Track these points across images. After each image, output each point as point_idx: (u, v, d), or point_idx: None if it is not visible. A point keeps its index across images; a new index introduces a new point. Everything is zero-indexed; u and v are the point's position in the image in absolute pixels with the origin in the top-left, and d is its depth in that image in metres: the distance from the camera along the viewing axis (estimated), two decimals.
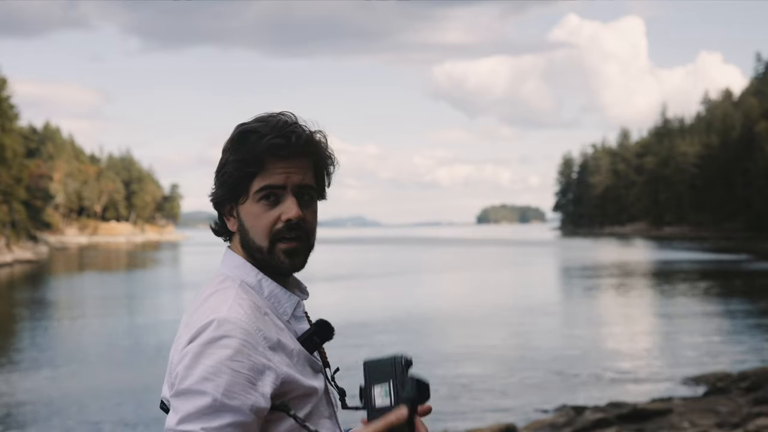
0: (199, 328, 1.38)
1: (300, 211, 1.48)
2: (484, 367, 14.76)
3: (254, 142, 1.47)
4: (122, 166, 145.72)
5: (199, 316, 1.41)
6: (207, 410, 1.31)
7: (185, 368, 1.35)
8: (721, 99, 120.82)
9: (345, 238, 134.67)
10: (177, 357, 1.40)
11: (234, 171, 1.48)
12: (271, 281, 1.51)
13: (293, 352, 1.45)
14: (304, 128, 1.52)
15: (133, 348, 17.68)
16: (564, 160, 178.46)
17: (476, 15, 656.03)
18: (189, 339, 1.38)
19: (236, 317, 1.38)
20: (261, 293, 1.49)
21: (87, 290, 34.89)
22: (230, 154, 1.49)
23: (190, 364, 1.35)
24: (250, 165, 1.47)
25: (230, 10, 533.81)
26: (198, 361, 1.34)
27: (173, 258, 69.68)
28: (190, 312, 1.45)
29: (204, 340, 1.36)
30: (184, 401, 1.33)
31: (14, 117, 73.78)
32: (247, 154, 1.47)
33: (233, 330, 1.36)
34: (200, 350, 1.35)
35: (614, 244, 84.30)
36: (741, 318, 21.29)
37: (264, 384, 1.36)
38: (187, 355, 1.36)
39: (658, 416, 9.93)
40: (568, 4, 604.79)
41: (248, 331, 1.38)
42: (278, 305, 1.50)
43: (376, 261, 56.57)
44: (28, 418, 11.54)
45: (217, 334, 1.36)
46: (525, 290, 32.25)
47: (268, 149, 1.46)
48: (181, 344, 1.40)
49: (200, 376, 1.33)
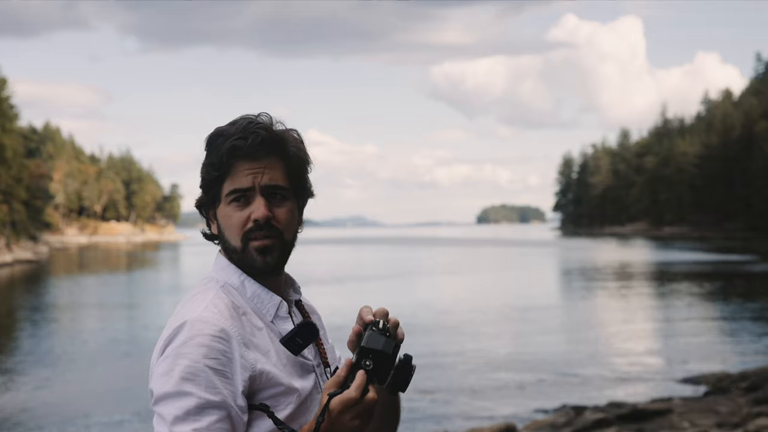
0: (172, 331, 1.40)
1: (267, 211, 1.49)
2: (484, 367, 14.76)
3: (219, 145, 1.49)
4: (122, 166, 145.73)
5: (174, 318, 1.43)
6: (193, 411, 1.32)
7: (164, 372, 1.36)
8: (721, 99, 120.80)
9: (345, 238, 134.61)
10: (154, 360, 1.41)
11: (206, 175, 1.52)
12: (254, 282, 1.51)
13: (270, 352, 1.46)
14: (272, 128, 1.52)
15: (133, 348, 17.68)
16: (564, 160, 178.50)
17: (474, 15, 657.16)
18: (164, 342, 1.40)
19: (208, 316, 1.40)
20: (244, 294, 1.50)
21: (87, 291, 34.88)
22: (205, 158, 1.53)
23: (169, 367, 1.36)
24: (218, 168, 1.49)
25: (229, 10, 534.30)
26: (175, 363, 1.35)
27: (173, 258, 69.68)
28: (173, 313, 1.48)
29: (179, 342, 1.37)
30: (168, 405, 1.34)
31: (14, 117, 73.74)
32: (215, 157, 1.49)
33: (205, 328, 1.38)
34: (176, 352, 1.36)
35: (614, 244, 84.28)
36: (741, 318, 21.29)
37: (237, 379, 1.38)
38: (165, 359, 1.37)
39: (658, 416, 9.92)
40: (566, 4, 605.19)
41: (221, 328, 1.39)
42: (261, 305, 1.51)
43: (376, 261, 56.56)
44: (28, 419, 11.53)
45: (190, 334, 1.37)
46: (525, 290, 32.25)
47: (228, 151, 1.48)
48: (157, 348, 1.42)
49: (180, 378, 1.34)
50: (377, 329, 1.43)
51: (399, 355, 1.46)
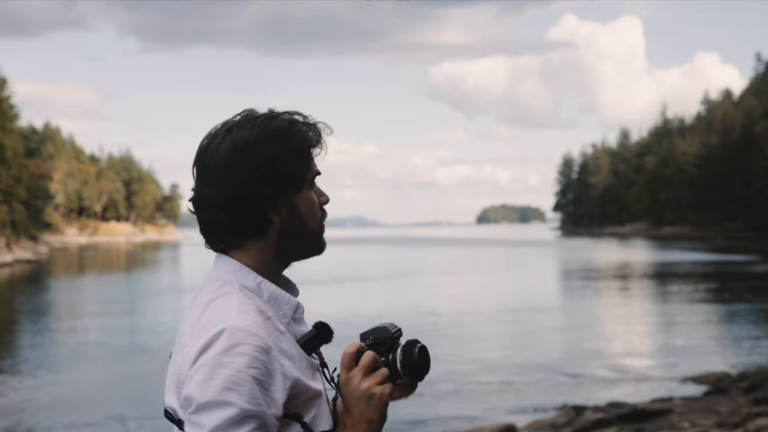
0: (209, 337, 1.34)
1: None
2: (484, 367, 14.76)
3: (304, 131, 1.49)
4: (122, 166, 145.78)
5: (204, 324, 1.38)
6: (233, 420, 1.30)
7: (203, 381, 1.32)
8: (721, 99, 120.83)
9: (345, 238, 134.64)
10: (186, 367, 1.36)
11: (296, 160, 1.47)
12: (271, 284, 1.48)
13: (295, 356, 1.43)
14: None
15: (133, 349, 17.68)
16: (564, 160, 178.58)
17: (474, 15, 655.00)
18: (200, 349, 1.35)
19: (246, 324, 1.36)
20: (261, 296, 1.46)
21: (87, 291, 34.90)
22: (282, 144, 1.46)
23: (209, 375, 1.32)
24: (307, 153, 1.50)
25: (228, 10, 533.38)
26: (216, 372, 1.31)
27: (173, 258, 69.68)
28: (193, 320, 1.42)
29: (218, 350, 1.33)
30: (208, 415, 1.31)
31: (14, 117, 73.78)
32: (304, 141, 1.49)
33: (246, 337, 1.34)
34: (216, 360, 1.32)
35: (614, 244, 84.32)
36: (741, 318, 21.29)
37: (277, 389, 1.35)
38: (202, 367, 1.33)
39: (658, 416, 9.93)
40: (566, 4, 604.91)
41: (260, 337, 1.36)
42: (278, 308, 1.47)
43: (376, 261, 56.57)
44: (28, 419, 11.53)
45: (230, 343, 1.33)
46: (525, 290, 32.25)
47: (315, 137, 1.51)
48: (190, 354, 1.36)
49: (222, 387, 1.31)
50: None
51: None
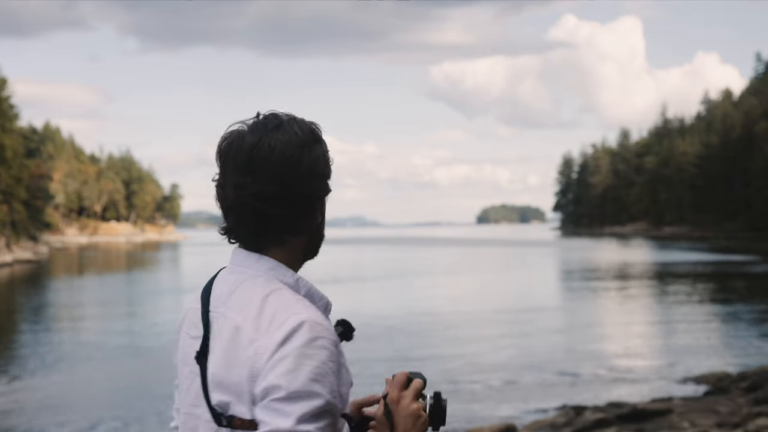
0: (289, 329, 1.38)
1: None
2: (484, 367, 14.76)
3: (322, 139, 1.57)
4: (122, 166, 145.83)
5: (273, 317, 1.41)
6: (319, 411, 1.35)
7: (289, 371, 1.35)
8: (721, 99, 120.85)
9: (344, 238, 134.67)
10: (263, 360, 1.38)
11: (329, 163, 1.55)
12: (307, 281, 1.52)
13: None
14: None
15: (132, 349, 17.69)
16: (564, 160, 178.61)
17: (474, 15, 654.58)
18: (279, 341, 1.37)
19: (320, 318, 1.42)
20: (298, 293, 1.49)
21: (87, 291, 34.91)
22: (322, 146, 1.54)
23: (295, 366, 1.35)
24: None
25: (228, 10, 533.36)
26: (302, 363, 1.36)
27: (173, 258, 69.69)
28: (253, 313, 1.43)
29: (301, 342, 1.37)
30: (296, 404, 1.34)
31: (14, 117, 73.79)
32: (327, 148, 1.56)
33: (323, 331, 1.39)
34: (300, 352, 1.36)
35: (614, 244, 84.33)
36: (741, 318, 21.30)
37: (343, 384, 1.42)
38: (286, 357, 1.36)
39: (658, 416, 9.93)
40: (566, 4, 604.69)
41: (332, 332, 1.42)
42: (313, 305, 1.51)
43: (376, 261, 56.58)
44: (28, 419, 11.53)
45: (312, 336, 1.38)
46: (525, 290, 32.26)
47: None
48: (264, 347, 1.38)
49: (308, 378, 1.35)
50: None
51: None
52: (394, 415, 1.47)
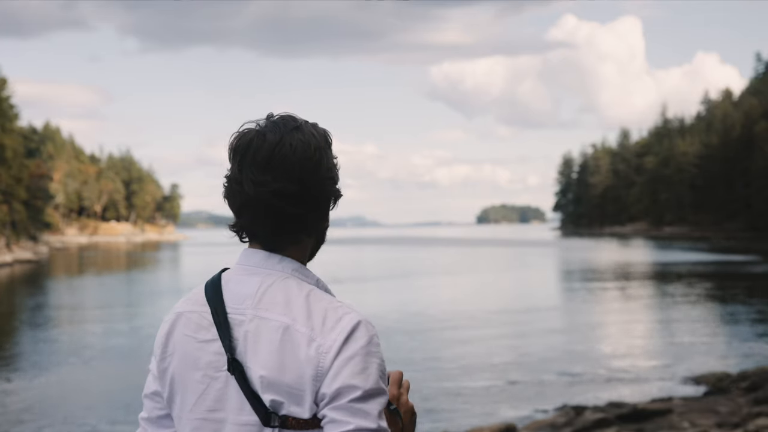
0: (349, 329, 1.41)
1: None
2: (484, 367, 14.76)
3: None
4: (122, 166, 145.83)
5: (325, 316, 1.42)
6: (385, 405, 1.41)
7: (361, 370, 1.39)
8: (721, 99, 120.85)
9: (344, 238, 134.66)
10: (328, 361, 1.39)
11: (338, 169, 1.57)
12: (323, 281, 1.54)
13: None
14: None
15: (132, 349, 17.68)
16: (564, 160, 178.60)
17: (473, 15, 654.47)
18: (342, 341, 1.40)
19: (367, 317, 1.46)
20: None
21: (87, 291, 34.90)
22: (332, 153, 1.55)
23: (365, 365, 1.39)
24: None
25: (228, 10, 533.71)
26: (370, 362, 1.40)
27: (173, 258, 69.68)
28: (303, 314, 1.43)
29: (364, 341, 1.41)
30: (373, 402, 1.39)
31: (14, 117, 73.78)
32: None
33: (373, 329, 1.45)
34: (366, 351, 1.40)
35: (614, 244, 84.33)
36: (741, 318, 21.29)
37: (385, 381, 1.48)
38: (354, 357, 1.39)
39: (658, 416, 9.93)
40: (566, 4, 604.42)
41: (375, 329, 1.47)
42: None
43: (376, 261, 56.57)
44: (28, 419, 11.53)
45: (370, 334, 1.43)
46: (525, 291, 32.26)
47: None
48: (326, 348, 1.39)
49: (378, 376, 1.40)
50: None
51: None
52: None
